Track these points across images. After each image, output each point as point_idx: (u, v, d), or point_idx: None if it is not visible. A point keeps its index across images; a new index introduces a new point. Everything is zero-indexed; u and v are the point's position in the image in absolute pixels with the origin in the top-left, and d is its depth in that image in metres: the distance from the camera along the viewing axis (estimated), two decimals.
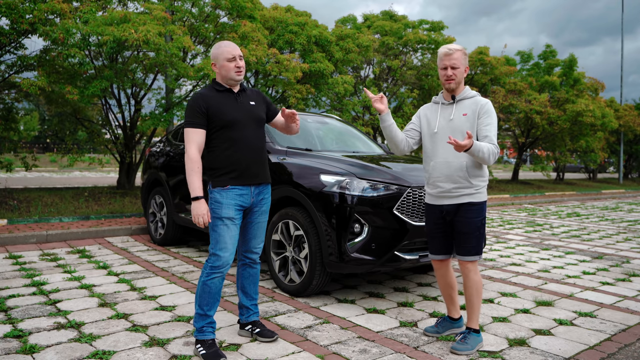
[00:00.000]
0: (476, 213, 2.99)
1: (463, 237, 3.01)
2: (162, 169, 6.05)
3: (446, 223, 3.09)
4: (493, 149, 2.88)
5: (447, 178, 3.00)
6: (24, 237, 5.87)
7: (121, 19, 7.16)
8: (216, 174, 2.90)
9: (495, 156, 2.89)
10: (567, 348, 3.10)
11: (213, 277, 2.85)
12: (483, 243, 3.07)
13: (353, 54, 11.22)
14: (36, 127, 36.83)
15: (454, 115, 3.02)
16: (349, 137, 5.67)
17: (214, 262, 2.85)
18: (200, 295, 2.86)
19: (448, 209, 3.04)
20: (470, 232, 2.99)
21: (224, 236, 2.85)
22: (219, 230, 2.85)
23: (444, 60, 2.99)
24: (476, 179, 2.99)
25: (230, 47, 2.92)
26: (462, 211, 3.00)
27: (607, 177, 31.25)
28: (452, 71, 2.97)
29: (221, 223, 2.85)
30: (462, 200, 3.00)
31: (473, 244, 3.00)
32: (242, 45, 8.17)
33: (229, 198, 2.88)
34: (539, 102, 16.61)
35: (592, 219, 9.95)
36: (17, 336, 3.05)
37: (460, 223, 3.01)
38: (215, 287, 2.86)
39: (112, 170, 22.75)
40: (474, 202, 2.99)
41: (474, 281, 3.03)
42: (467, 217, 2.99)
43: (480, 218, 3.00)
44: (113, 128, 10.29)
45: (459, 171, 2.97)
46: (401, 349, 3.02)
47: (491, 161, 2.90)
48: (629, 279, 4.90)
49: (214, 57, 2.96)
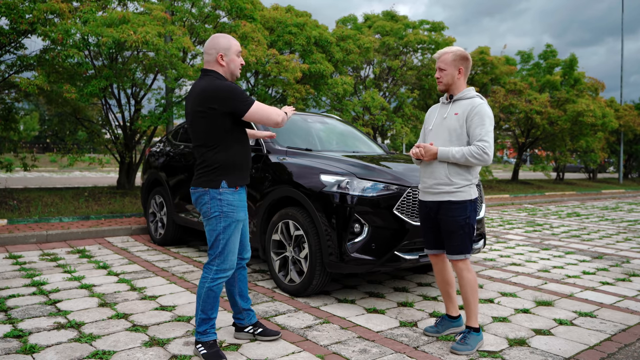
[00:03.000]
0: (458, 212, 3.02)
1: (447, 236, 3.07)
2: (162, 169, 6.05)
3: (432, 218, 3.15)
4: (473, 151, 2.91)
5: (430, 174, 3.09)
6: (24, 237, 5.87)
7: (120, 19, 7.16)
8: (233, 173, 2.78)
9: (479, 156, 2.91)
10: (567, 348, 3.10)
11: (219, 282, 2.80)
12: (470, 241, 3.08)
13: (353, 54, 11.22)
14: (36, 127, 36.84)
15: (447, 114, 3.10)
16: (349, 137, 5.67)
17: (220, 266, 2.78)
18: (204, 300, 2.79)
19: (431, 206, 3.12)
20: (454, 231, 3.03)
21: (235, 239, 2.81)
22: (231, 234, 2.78)
23: (436, 62, 3.14)
24: (456, 177, 3.02)
25: (236, 41, 2.85)
26: (443, 209, 3.05)
27: (607, 177, 31.24)
28: (440, 73, 3.10)
29: (235, 226, 2.79)
30: (442, 197, 3.05)
31: (458, 243, 3.03)
32: (242, 46, 8.17)
33: (242, 199, 2.85)
34: (539, 102, 16.61)
35: (592, 219, 9.95)
36: (17, 336, 3.05)
37: (443, 222, 3.06)
38: (219, 291, 2.83)
39: (112, 170, 22.75)
40: (454, 200, 3.02)
41: (468, 279, 3.05)
42: (449, 216, 3.03)
43: (463, 217, 3.02)
44: (113, 128, 10.29)
45: (440, 167, 3.04)
46: (401, 349, 3.02)
47: (473, 162, 2.93)
48: (629, 279, 4.90)
49: (224, 47, 2.78)
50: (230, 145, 2.79)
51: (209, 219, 2.79)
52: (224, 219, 2.76)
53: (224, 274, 2.80)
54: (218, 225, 2.77)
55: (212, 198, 2.76)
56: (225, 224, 2.76)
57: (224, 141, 2.77)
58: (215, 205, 2.76)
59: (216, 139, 2.76)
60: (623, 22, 24.95)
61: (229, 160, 2.78)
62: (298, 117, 5.54)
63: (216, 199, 2.76)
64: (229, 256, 2.80)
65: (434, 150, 3.00)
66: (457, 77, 3.07)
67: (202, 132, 2.77)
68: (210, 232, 2.80)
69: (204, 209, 2.80)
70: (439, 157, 3.00)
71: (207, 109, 2.71)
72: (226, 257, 2.79)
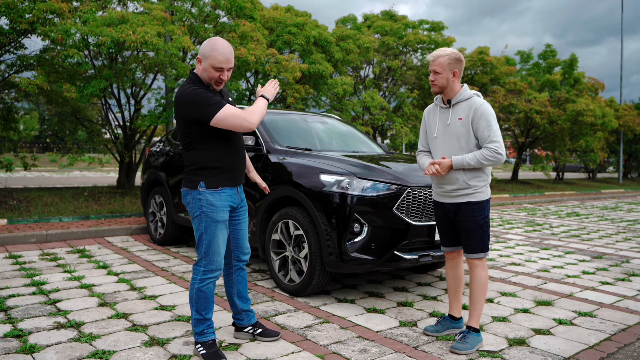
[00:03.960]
0: (477, 212, 3.03)
1: (467, 236, 3.07)
2: (162, 168, 6.05)
3: (451, 219, 3.16)
4: (487, 155, 2.93)
5: (447, 181, 3.09)
6: (24, 237, 5.87)
7: (120, 20, 7.16)
8: (211, 173, 2.76)
9: (493, 158, 2.93)
10: (567, 348, 3.10)
11: (208, 282, 2.79)
12: (488, 240, 3.10)
13: (353, 54, 11.22)
14: (36, 127, 36.84)
15: (450, 120, 3.09)
16: (349, 137, 5.67)
17: (207, 267, 2.78)
18: (196, 302, 2.79)
19: (450, 208, 3.13)
20: (473, 231, 3.04)
21: (218, 240, 2.78)
22: (213, 234, 2.76)
23: (430, 65, 3.10)
24: (474, 180, 3.03)
25: (224, 55, 2.66)
26: (463, 210, 3.06)
27: (607, 177, 31.24)
28: (434, 76, 3.08)
29: (216, 227, 2.77)
30: (461, 200, 3.06)
31: (477, 242, 3.05)
32: (242, 45, 8.17)
33: (223, 200, 2.79)
34: (539, 102, 16.61)
35: (592, 219, 9.95)
36: (17, 336, 3.05)
37: (462, 222, 3.07)
38: (210, 292, 2.81)
39: (112, 170, 22.75)
40: (474, 201, 3.04)
41: (480, 276, 3.07)
42: (469, 216, 3.04)
43: (482, 217, 3.05)
44: (113, 128, 10.29)
45: (457, 174, 3.04)
46: (401, 348, 3.02)
47: (488, 165, 2.96)
48: (628, 279, 4.90)
49: (203, 54, 2.69)
50: (210, 146, 2.74)
51: (193, 219, 2.82)
52: (204, 219, 2.76)
53: (212, 274, 2.79)
54: (201, 226, 2.78)
55: (193, 198, 2.78)
56: (206, 224, 2.76)
57: (202, 142, 2.74)
58: (196, 206, 2.78)
59: (193, 140, 2.75)
60: (623, 22, 24.96)
61: (206, 161, 2.76)
62: (298, 117, 5.54)
63: (196, 199, 2.77)
64: (214, 257, 2.78)
65: (449, 163, 2.99)
66: (452, 80, 3.06)
67: (181, 134, 2.80)
68: (196, 232, 2.82)
69: (189, 208, 2.84)
70: (455, 167, 3.00)
71: (177, 114, 2.74)
72: (212, 258, 2.78)
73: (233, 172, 2.85)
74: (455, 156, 3.02)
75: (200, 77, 2.76)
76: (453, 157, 3.01)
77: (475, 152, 2.97)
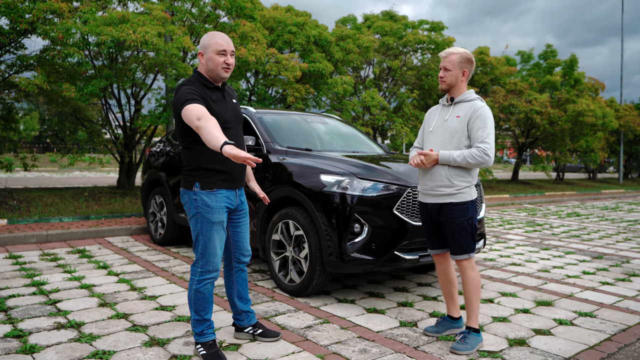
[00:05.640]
0: (460, 213, 3.03)
1: (451, 237, 3.07)
2: (162, 169, 6.05)
3: (434, 220, 3.15)
4: (474, 153, 2.92)
5: (430, 176, 3.09)
6: (24, 237, 5.87)
7: (120, 19, 7.17)
8: (206, 174, 2.74)
9: (480, 158, 2.92)
10: (567, 348, 3.10)
11: (205, 283, 2.78)
12: (473, 241, 3.08)
13: (353, 54, 11.22)
14: (36, 127, 36.83)
15: (449, 116, 3.10)
16: (349, 137, 5.67)
17: (204, 268, 2.77)
18: (194, 302, 2.79)
19: (432, 208, 3.12)
20: (456, 232, 3.04)
21: (214, 241, 2.77)
22: (209, 235, 2.75)
23: (441, 61, 3.13)
24: (457, 179, 3.02)
25: (223, 39, 2.72)
26: (445, 211, 3.05)
27: (607, 177, 31.23)
28: (444, 72, 3.10)
29: (211, 228, 2.75)
30: (443, 200, 3.05)
31: (461, 243, 3.05)
32: (242, 45, 8.17)
33: (218, 201, 2.76)
34: (540, 102, 16.61)
35: (592, 219, 9.95)
36: (17, 336, 3.05)
37: (445, 223, 3.07)
38: (208, 292, 2.81)
39: (112, 170, 22.75)
40: (456, 202, 3.03)
41: (471, 278, 3.06)
42: (452, 217, 3.04)
43: (465, 218, 3.03)
44: (113, 128, 10.29)
45: (440, 169, 3.04)
46: (401, 348, 3.02)
47: (474, 164, 2.95)
48: (628, 279, 4.90)
49: (203, 45, 2.73)
50: (205, 146, 2.65)
51: (189, 219, 2.82)
52: (200, 219, 2.75)
53: (208, 275, 2.79)
54: (197, 226, 2.77)
55: (189, 198, 2.79)
56: (201, 224, 2.75)
57: (198, 142, 2.70)
58: (192, 206, 2.78)
59: (188, 139, 2.75)
60: (623, 22, 24.97)
61: (201, 162, 2.75)
62: (298, 117, 5.54)
63: (192, 199, 2.77)
64: (210, 258, 2.77)
65: (435, 156, 3.01)
66: (461, 79, 3.09)
67: (177, 132, 2.81)
68: (193, 233, 2.82)
69: (185, 208, 2.84)
70: (440, 161, 3.00)
71: (173, 112, 2.75)
72: (208, 259, 2.77)
73: (229, 175, 2.80)
74: (442, 150, 3.02)
75: (204, 73, 2.77)
76: (440, 150, 3.02)
77: (464, 150, 2.98)
